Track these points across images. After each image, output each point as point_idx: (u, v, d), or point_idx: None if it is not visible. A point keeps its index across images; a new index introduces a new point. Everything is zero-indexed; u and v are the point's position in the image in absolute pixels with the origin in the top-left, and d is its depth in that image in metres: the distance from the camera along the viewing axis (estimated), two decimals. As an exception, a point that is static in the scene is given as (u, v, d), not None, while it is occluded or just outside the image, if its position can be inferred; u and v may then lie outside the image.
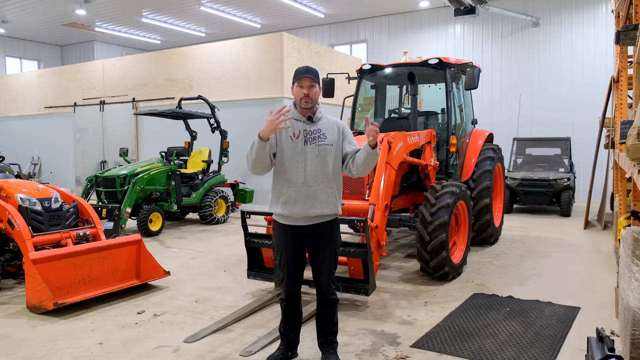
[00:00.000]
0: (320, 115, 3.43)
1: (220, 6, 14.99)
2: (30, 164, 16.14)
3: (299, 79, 3.34)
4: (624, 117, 6.73)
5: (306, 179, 3.29)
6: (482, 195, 7.06)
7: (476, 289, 5.37)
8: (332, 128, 3.42)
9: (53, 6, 14.98)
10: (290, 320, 3.54)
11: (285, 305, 3.52)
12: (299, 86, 3.35)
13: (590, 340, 2.80)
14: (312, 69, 3.36)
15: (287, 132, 3.34)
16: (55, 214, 5.52)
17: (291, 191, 3.30)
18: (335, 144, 3.39)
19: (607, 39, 12.45)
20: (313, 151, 3.32)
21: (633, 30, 4.20)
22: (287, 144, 3.34)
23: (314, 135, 3.35)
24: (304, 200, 3.29)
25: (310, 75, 3.33)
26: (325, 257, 3.40)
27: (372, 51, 15.98)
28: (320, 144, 3.34)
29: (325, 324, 3.52)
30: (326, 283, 3.44)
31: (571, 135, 12.14)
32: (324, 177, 3.33)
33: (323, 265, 3.41)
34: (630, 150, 3.06)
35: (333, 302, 3.50)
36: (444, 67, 6.77)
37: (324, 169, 3.33)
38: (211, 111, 10.23)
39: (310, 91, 3.33)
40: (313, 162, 3.31)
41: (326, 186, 3.34)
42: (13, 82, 16.76)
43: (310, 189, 3.29)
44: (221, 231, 9.09)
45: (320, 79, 3.47)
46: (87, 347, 3.89)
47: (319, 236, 3.37)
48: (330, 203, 3.35)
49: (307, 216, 3.31)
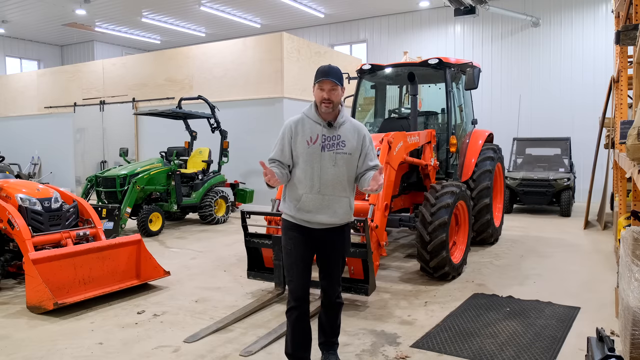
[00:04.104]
0: (342, 120, 3.21)
1: (220, 6, 14.99)
2: (30, 164, 16.13)
3: (320, 81, 3.12)
4: (624, 117, 6.73)
5: (321, 188, 3.14)
6: (482, 195, 7.06)
7: (476, 289, 5.37)
8: (352, 135, 3.21)
9: (53, 6, 14.98)
10: (300, 336, 3.23)
11: (295, 317, 3.19)
12: (319, 89, 3.14)
13: (590, 340, 2.81)
14: (335, 70, 3.12)
15: (303, 136, 3.15)
16: (55, 214, 5.52)
17: (305, 198, 3.15)
18: (354, 152, 3.20)
19: (607, 39, 12.45)
20: (330, 159, 3.14)
21: (633, 30, 4.20)
22: (303, 149, 3.15)
23: (332, 142, 3.14)
24: (319, 210, 3.15)
25: (332, 78, 3.09)
26: (336, 260, 3.31)
27: (372, 51, 15.98)
28: (338, 152, 3.15)
29: (328, 325, 3.43)
30: (333, 286, 3.33)
31: (571, 135, 12.14)
32: (339, 186, 3.18)
33: (332, 269, 3.30)
34: (630, 150, 3.06)
35: (338, 305, 3.40)
36: (444, 67, 6.77)
37: (339, 177, 3.17)
38: (211, 111, 10.23)
39: (332, 95, 3.11)
40: (329, 171, 3.14)
41: (341, 195, 3.20)
42: (13, 82, 16.76)
43: (325, 197, 3.15)
44: (221, 231, 9.09)
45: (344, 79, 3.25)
46: (87, 347, 3.89)
47: (331, 240, 3.25)
48: (345, 213, 3.24)
49: (321, 223, 3.19)
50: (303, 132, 3.16)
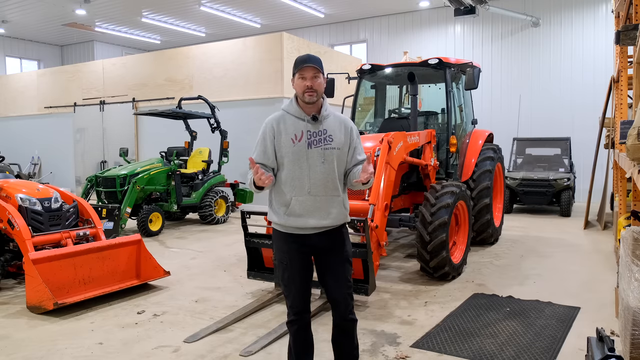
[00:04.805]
0: (327, 113, 2.96)
1: (220, 6, 14.99)
2: (30, 164, 16.14)
3: (300, 69, 2.86)
4: (624, 117, 6.73)
5: (311, 188, 2.87)
6: (482, 195, 7.06)
7: (476, 289, 5.37)
8: (339, 128, 2.96)
9: (53, 6, 14.98)
10: (302, 346, 3.01)
11: (296, 329, 2.98)
12: (300, 77, 2.87)
13: (590, 340, 2.81)
14: (315, 57, 2.88)
15: (287, 134, 2.90)
16: (55, 214, 5.52)
17: (295, 202, 2.87)
18: (342, 147, 2.95)
19: (607, 39, 12.45)
20: (318, 156, 2.88)
21: (633, 30, 4.20)
22: (288, 148, 2.88)
23: (318, 137, 2.89)
24: (310, 212, 2.87)
25: (313, 64, 2.84)
26: (339, 266, 2.95)
27: (372, 51, 15.98)
28: (326, 147, 2.89)
29: (345, 350, 3.02)
30: (344, 299, 2.94)
31: (571, 135, 12.14)
32: (331, 185, 2.91)
33: (338, 277, 2.94)
34: (630, 150, 3.06)
35: (352, 322, 2.98)
36: (444, 67, 6.76)
37: (330, 175, 2.90)
38: (211, 111, 10.23)
39: (314, 82, 2.85)
40: (318, 169, 2.87)
41: (333, 195, 2.92)
42: (13, 82, 16.76)
43: (316, 199, 2.87)
44: (221, 231, 9.09)
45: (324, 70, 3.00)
46: (87, 347, 3.89)
47: (329, 244, 2.94)
48: (339, 213, 2.95)
49: (314, 227, 2.90)
50: (286, 131, 2.90)
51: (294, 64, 2.93)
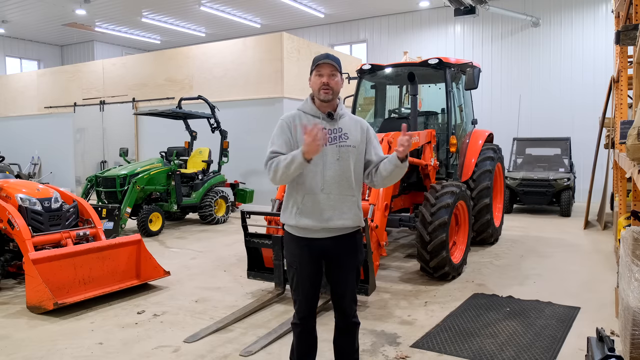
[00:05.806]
0: (342, 112, 2.96)
1: (220, 6, 14.99)
2: (30, 164, 16.14)
3: (318, 65, 2.87)
4: (624, 117, 6.73)
5: (325, 186, 2.82)
6: (482, 195, 7.06)
7: (476, 289, 5.37)
8: (354, 127, 2.95)
9: (53, 6, 14.98)
10: (305, 347, 3.04)
11: (300, 331, 3.01)
12: (317, 74, 2.87)
13: (590, 340, 2.81)
14: (333, 56, 2.88)
15: (302, 131, 2.82)
16: (55, 214, 5.52)
17: (307, 200, 2.83)
18: (358, 145, 2.92)
19: (607, 39, 12.45)
20: (333, 153, 2.85)
21: (633, 30, 4.20)
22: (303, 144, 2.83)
23: (334, 135, 2.88)
24: (323, 211, 2.82)
25: (331, 61, 2.85)
26: (349, 275, 2.94)
27: (372, 51, 15.98)
28: (341, 145, 2.87)
29: (346, 352, 3.04)
30: (349, 305, 2.97)
31: (571, 135, 12.14)
32: (345, 183, 2.86)
33: (346, 286, 2.95)
34: (630, 150, 3.06)
35: (355, 325, 3.02)
36: (444, 67, 6.77)
37: (345, 173, 2.86)
38: (211, 111, 10.23)
39: (331, 80, 2.85)
40: (333, 166, 2.84)
41: (347, 194, 2.87)
42: (13, 82, 16.76)
43: (329, 196, 2.83)
44: (221, 231, 9.09)
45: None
46: (87, 347, 3.89)
47: (341, 251, 2.90)
48: (353, 213, 2.88)
49: (327, 228, 2.84)
50: (302, 128, 2.86)
51: (313, 61, 2.93)
